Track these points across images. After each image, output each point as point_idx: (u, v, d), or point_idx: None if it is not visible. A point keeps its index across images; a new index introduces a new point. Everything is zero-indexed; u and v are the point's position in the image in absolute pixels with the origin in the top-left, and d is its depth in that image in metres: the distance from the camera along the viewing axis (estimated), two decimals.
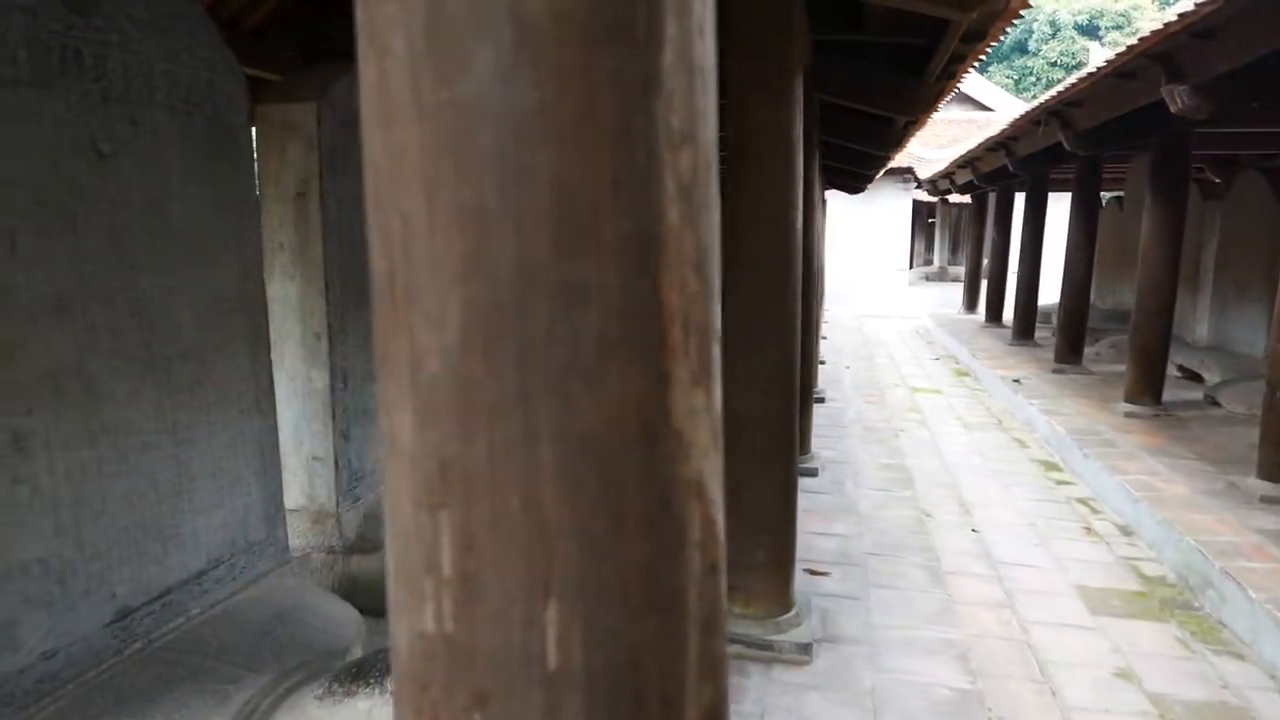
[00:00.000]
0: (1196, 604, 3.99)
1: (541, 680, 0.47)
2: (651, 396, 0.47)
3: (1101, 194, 14.18)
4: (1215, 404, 7.20)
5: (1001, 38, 4.42)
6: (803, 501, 4.78)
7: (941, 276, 22.07)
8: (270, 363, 2.77)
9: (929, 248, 24.45)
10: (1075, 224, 9.13)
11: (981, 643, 3.28)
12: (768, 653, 2.94)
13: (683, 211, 0.47)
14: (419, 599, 0.49)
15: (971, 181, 12.91)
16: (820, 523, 4.42)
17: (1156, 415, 6.76)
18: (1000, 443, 7.12)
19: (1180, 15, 4.16)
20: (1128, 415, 6.81)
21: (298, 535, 3.16)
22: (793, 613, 3.06)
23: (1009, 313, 12.08)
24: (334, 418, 3.13)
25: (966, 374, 10.52)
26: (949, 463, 6.21)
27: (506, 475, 0.46)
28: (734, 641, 2.98)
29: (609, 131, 0.44)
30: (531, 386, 0.45)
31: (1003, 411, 8.32)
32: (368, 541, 3.21)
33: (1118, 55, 5.07)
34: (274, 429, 2.81)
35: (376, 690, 1.98)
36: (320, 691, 2.06)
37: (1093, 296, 13.51)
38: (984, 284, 14.15)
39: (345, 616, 2.65)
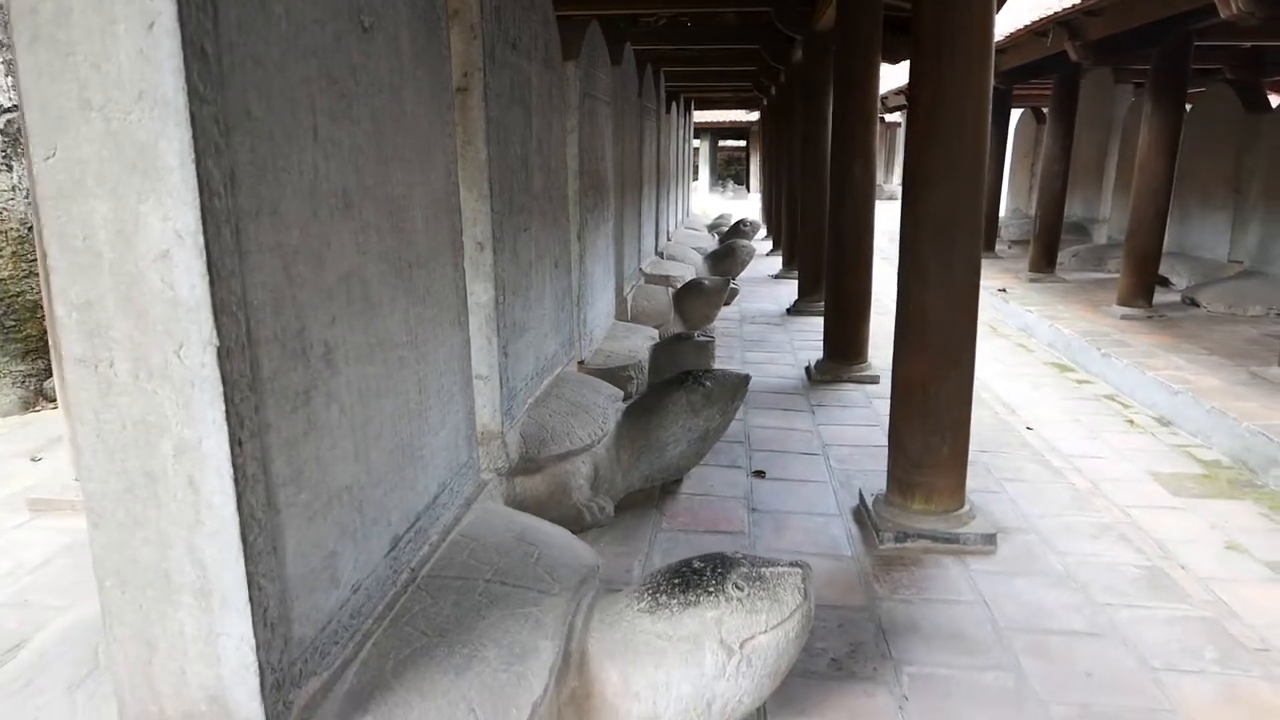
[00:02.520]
0: (1259, 482, 4.31)
1: None
2: None
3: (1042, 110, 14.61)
4: (1195, 304, 7.68)
5: None
6: (883, 407, 4.87)
7: (879, 195, 22.43)
8: (464, 271, 2.55)
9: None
10: (1052, 140, 9.41)
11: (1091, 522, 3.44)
12: (954, 545, 3.01)
13: None
14: None
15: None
16: None
17: (1150, 317, 7.16)
18: (1005, 348, 7.42)
19: None
20: (1124, 318, 7.19)
21: None
22: (967, 507, 3.13)
23: None
24: (497, 333, 2.94)
25: None
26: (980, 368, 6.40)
27: None
28: (921, 537, 3.03)
29: None
30: None
31: (993, 320, 8.65)
32: (531, 463, 3.07)
33: None
34: (469, 343, 2.62)
35: (721, 598, 1.90)
36: (644, 605, 1.97)
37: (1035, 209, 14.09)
38: None
39: (565, 537, 2.54)
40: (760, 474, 3.76)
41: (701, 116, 26.05)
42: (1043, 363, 6.88)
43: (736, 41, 9.01)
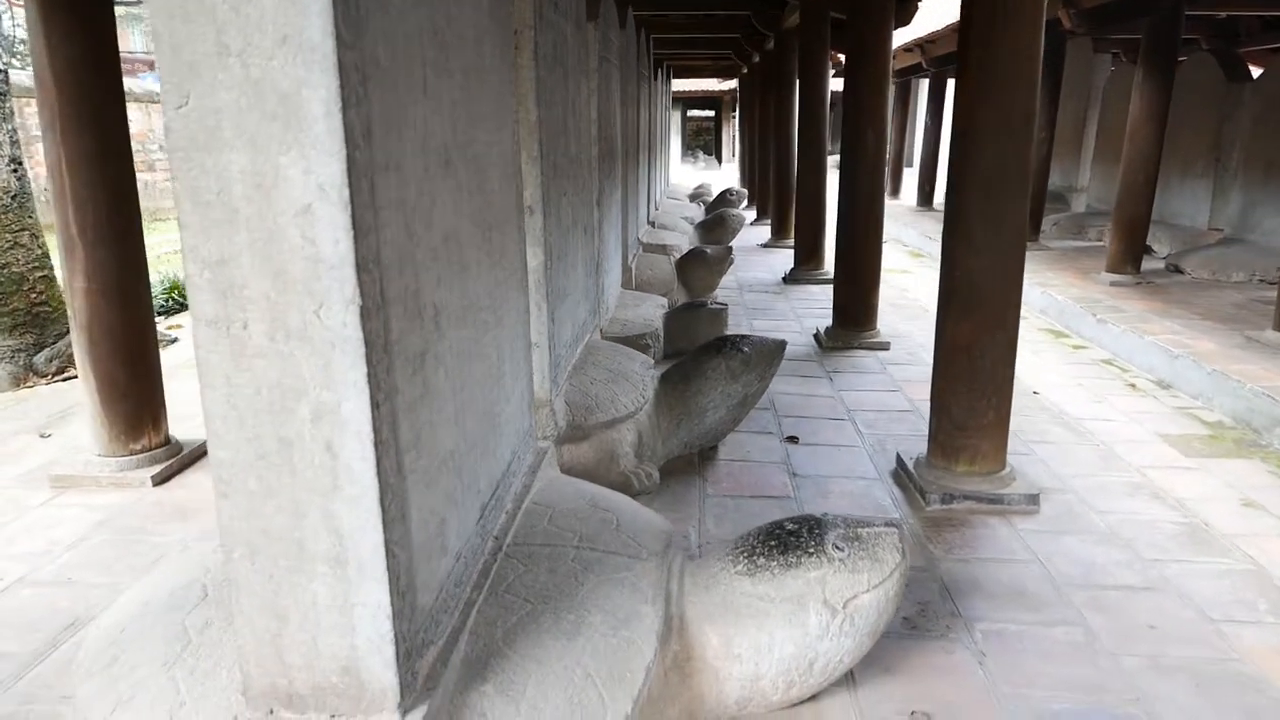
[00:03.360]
0: (1264, 442, 4.44)
1: None
2: None
3: None
4: (1179, 271, 7.85)
5: None
6: (899, 373, 4.91)
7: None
8: (524, 235, 2.50)
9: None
10: (1040, 109, 9.49)
11: (1121, 482, 3.52)
12: (999, 506, 3.05)
13: None
14: None
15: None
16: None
17: (1139, 283, 7.30)
18: None
19: None
20: (1113, 284, 7.32)
21: None
22: (1008, 469, 3.17)
23: (939, 197, 12.55)
24: (546, 299, 2.88)
25: (921, 255, 10.94)
26: None
27: None
28: (966, 498, 3.07)
29: None
30: None
31: None
32: (578, 430, 3.04)
33: None
34: (528, 309, 2.57)
35: (822, 558, 1.90)
36: (741, 568, 1.96)
37: None
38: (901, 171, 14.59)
39: (632, 504, 2.52)
40: (794, 439, 3.77)
41: (674, 86, 25.78)
42: (1037, 329, 6.98)
43: (726, 7, 8.90)
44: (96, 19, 3.03)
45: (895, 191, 15.71)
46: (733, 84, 22.46)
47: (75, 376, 4.04)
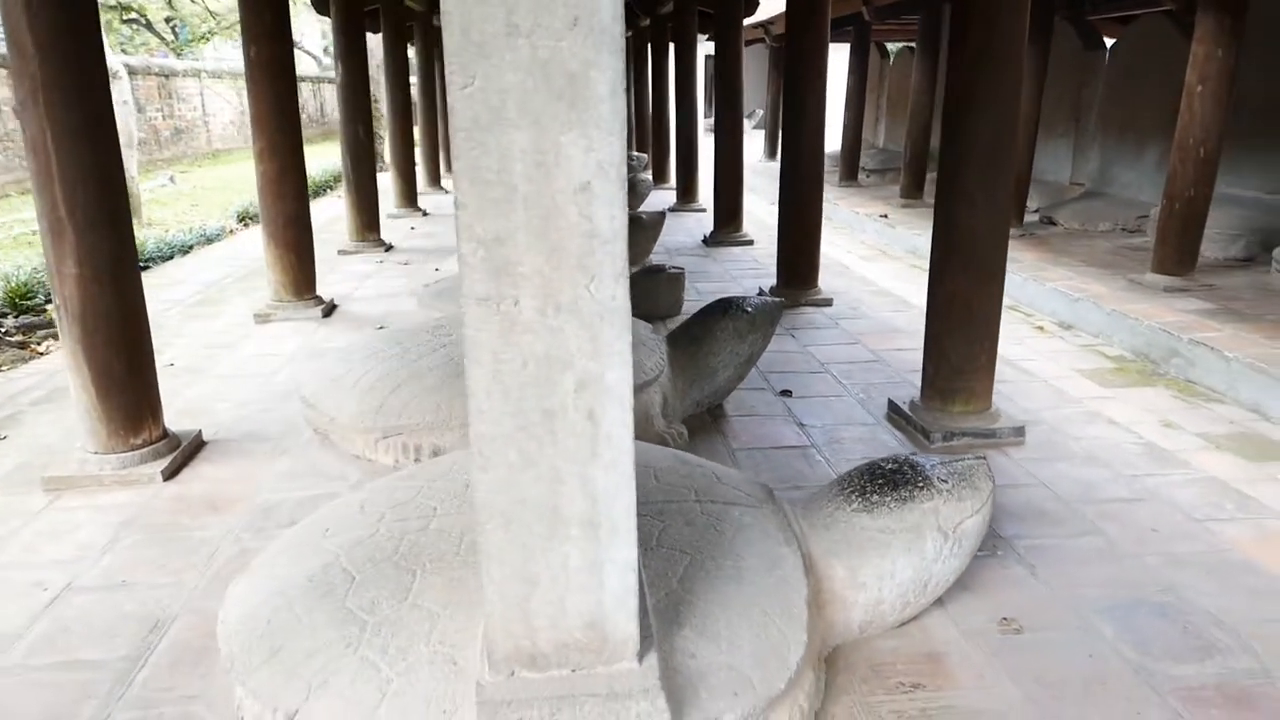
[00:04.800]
0: (1162, 371, 5.09)
1: None
2: None
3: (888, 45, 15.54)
4: (1052, 223, 8.68)
5: None
6: (850, 326, 5.24)
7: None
8: None
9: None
10: (919, 74, 10.13)
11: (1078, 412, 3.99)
12: (993, 439, 3.40)
13: None
14: None
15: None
16: (885, 341, 4.91)
17: (1023, 235, 8.03)
18: (903, 270, 8.07)
19: None
20: None
21: None
22: (994, 407, 3.53)
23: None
24: None
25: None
26: (891, 287, 6.95)
27: None
28: (965, 435, 3.40)
29: None
30: None
31: (882, 245, 9.33)
32: None
33: None
34: None
35: (933, 490, 2.12)
36: (855, 505, 2.15)
37: (883, 139, 15.09)
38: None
39: (702, 459, 2.66)
40: (788, 393, 4.00)
41: None
42: None
43: None
44: None
45: (773, 153, 16.29)
46: None
47: None
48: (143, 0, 22.40)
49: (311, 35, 30.18)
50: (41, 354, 5.25)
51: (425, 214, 9.93)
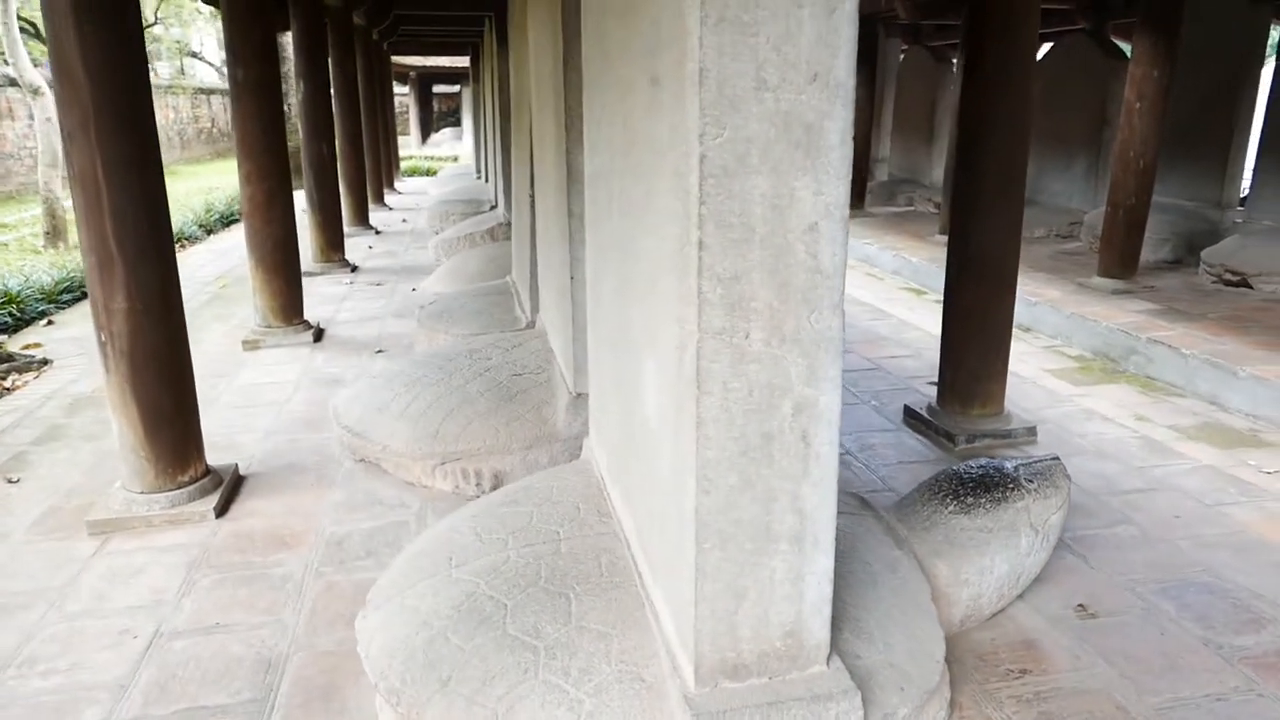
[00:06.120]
0: (1122, 369, 5.50)
1: None
2: None
3: None
4: None
5: None
6: None
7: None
8: None
9: None
10: (858, 89, 10.58)
11: (1074, 410, 4.30)
12: (1010, 439, 3.64)
13: None
14: None
15: None
16: (875, 349, 5.15)
17: None
18: (858, 279, 8.40)
19: None
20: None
21: None
22: (1006, 409, 3.78)
23: None
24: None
25: None
26: (860, 296, 7.26)
27: None
28: (985, 436, 3.63)
29: None
30: None
31: None
32: None
33: None
34: None
35: (1022, 490, 2.30)
36: (952, 508, 2.31)
37: None
38: None
39: None
40: None
41: (418, 60, 23.71)
42: (898, 289, 7.93)
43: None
44: (129, 4, 2.70)
45: None
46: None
47: None
48: None
49: (210, 45, 29.00)
50: (9, 390, 4.96)
51: (378, 232, 9.76)
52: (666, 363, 1.61)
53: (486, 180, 12.08)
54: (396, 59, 19.58)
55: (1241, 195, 7.96)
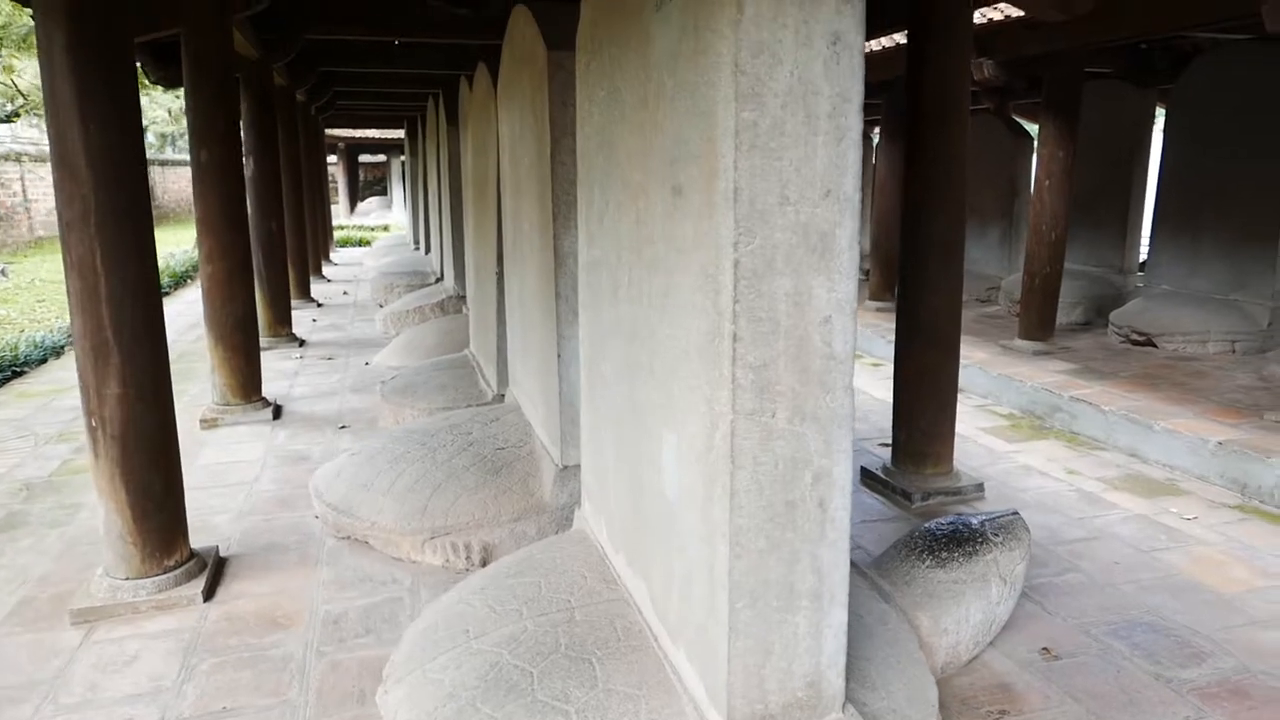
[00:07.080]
0: (1048, 425, 5.92)
1: None
2: None
3: None
4: None
5: None
6: None
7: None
8: None
9: None
10: None
11: (1012, 466, 4.63)
12: (960, 496, 3.91)
13: None
14: None
15: None
16: None
17: (892, 310, 9.00)
18: None
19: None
20: (879, 309, 8.95)
21: None
22: (955, 468, 4.06)
23: None
24: None
25: None
26: None
27: None
28: (938, 494, 3.89)
29: None
30: None
31: None
32: None
33: None
34: None
35: (991, 544, 2.52)
36: (929, 563, 2.52)
37: None
38: None
39: None
40: None
41: (348, 132, 24.14)
42: None
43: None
44: (131, 103, 2.80)
45: None
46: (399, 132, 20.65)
47: None
48: None
49: (151, 115, 28.45)
50: None
51: (320, 304, 9.72)
52: (693, 439, 1.78)
53: (427, 252, 12.18)
54: (329, 130, 19.74)
55: (1140, 260, 8.70)
